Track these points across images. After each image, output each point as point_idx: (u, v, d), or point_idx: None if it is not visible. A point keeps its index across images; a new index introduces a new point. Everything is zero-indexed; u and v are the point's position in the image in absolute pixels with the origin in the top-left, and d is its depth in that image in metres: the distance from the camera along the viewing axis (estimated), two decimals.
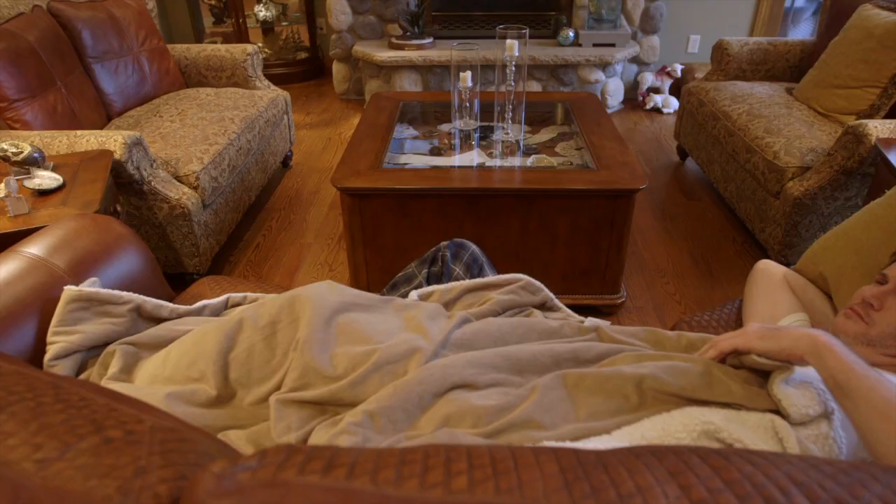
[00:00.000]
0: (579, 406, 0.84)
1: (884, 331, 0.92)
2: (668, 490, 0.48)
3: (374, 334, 0.94)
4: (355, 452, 0.52)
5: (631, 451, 0.55)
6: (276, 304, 0.98)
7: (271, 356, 0.93)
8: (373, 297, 1.03)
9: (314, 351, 0.89)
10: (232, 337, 0.95)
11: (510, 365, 0.91)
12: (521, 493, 0.46)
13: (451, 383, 0.86)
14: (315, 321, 0.92)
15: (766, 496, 0.47)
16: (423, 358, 0.89)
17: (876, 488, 0.49)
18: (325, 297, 0.97)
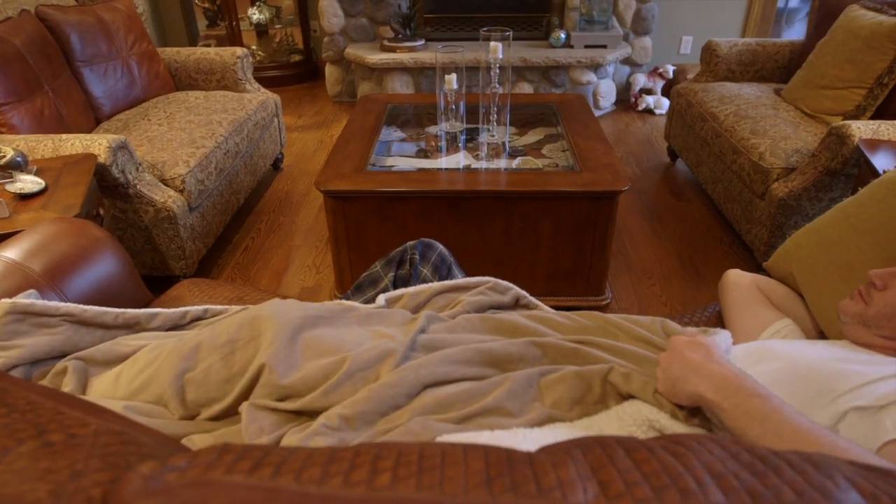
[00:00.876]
0: (545, 394, 0.86)
1: (880, 311, 0.92)
2: (588, 485, 0.49)
3: (343, 344, 0.93)
4: (288, 452, 0.53)
5: (562, 445, 0.55)
6: (234, 321, 0.96)
7: (229, 374, 0.91)
8: (335, 308, 1.02)
9: (281, 369, 0.88)
10: (189, 358, 0.93)
11: (483, 358, 0.91)
12: (442, 488, 0.47)
13: (424, 384, 0.86)
14: (279, 339, 0.91)
15: (681, 488, 0.48)
16: (394, 361, 0.89)
17: (788, 475, 0.50)
18: (287, 313, 0.95)
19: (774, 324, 1.15)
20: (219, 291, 1.39)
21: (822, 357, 0.90)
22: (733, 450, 0.54)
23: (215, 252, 2.48)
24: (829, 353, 0.92)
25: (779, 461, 0.52)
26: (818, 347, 0.97)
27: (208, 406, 0.92)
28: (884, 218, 1.10)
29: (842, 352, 0.93)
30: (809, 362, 0.88)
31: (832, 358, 0.90)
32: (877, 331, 0.93)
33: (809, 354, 0.92)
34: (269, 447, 0.54)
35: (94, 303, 1.27)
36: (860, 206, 1.17)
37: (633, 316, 1.05)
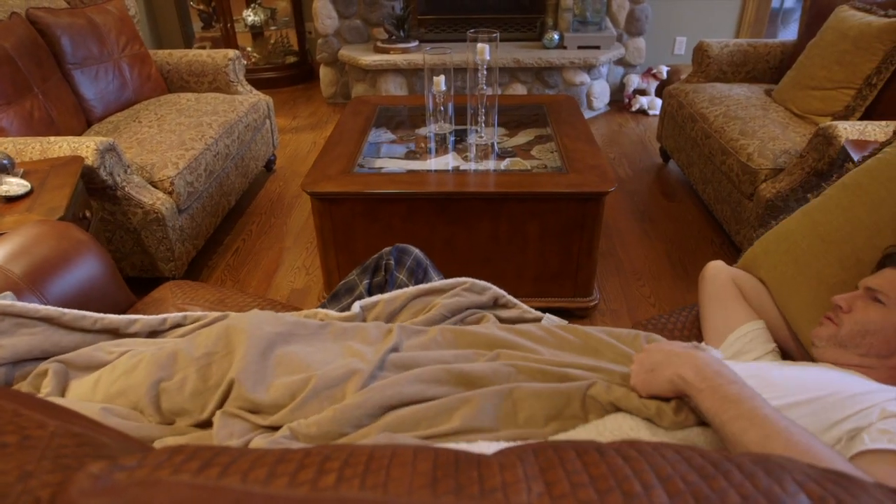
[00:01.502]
0: (518, 409, 0.84)
1: (852, 329, 0.94)
2: (533, 486, 0.49)
3: (313, 363, 0.93)
4: (239, 453, 0.53)
5: (516, 448, 0.56)
6: (212, 334, 0.97)
7: (203, 387, 0.92)
8: (311, 325, 1.01)
9: (250, 383, 0.88)
10: (165, 367, 0.94)
11: (454, 378, 0.90)
12: (386, 489, 0.47)
13: (390, 405, 0.85)
14: (250, 353, 0.91)
15: (625, 490, 0.48)
16: (360, 380, 0.88)
17: (737, 479, 0.50)
18: (262, 328, 0.95)
19: (743, 326, 1.15)
20: (201, 293, 1.39)
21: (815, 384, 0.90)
22: (686, 454, 0.55)
23: (206, 253, 2.48)
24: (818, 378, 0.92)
25: (730, 465, 0.52)
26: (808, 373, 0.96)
27: (181, 416, 0.92)
28: (849, 229, 1.10)
29: (829, 373, 0.93)
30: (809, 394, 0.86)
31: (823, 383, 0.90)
32: (854, 350, 0.94)
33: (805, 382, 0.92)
34: (221, 448, 0.54)
35: (76, 305, 1.27)
36: (827, 214, 1.17)
37: (615, 329, 1.04)
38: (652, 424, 0.79)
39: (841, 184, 1.20)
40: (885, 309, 0.92)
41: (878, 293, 0.93)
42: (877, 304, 0.93)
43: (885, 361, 0.93)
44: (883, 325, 0.92)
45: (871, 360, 0.93)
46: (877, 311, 0.93)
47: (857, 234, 1.10)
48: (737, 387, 0.75)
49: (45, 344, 1.07)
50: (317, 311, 1.12)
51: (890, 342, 0.91)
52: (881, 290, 0.93)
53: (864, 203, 1.12)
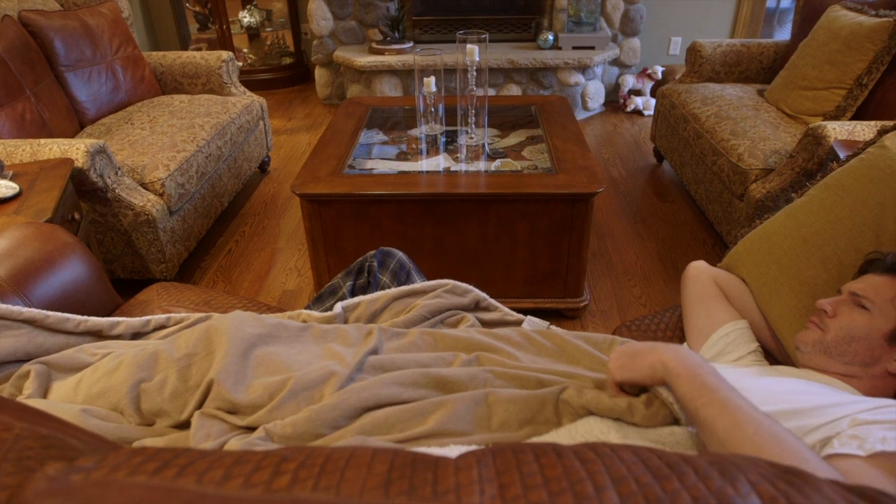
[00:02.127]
0: (493, 413, 0.85)
1: (837, 335, 0.94)
2: (486, 487, 0.49)
3: (292, 364, 0.93)
4: (199, 455, 0.54)
5: (478, 451, 0.56)
6: (193, 335, 0.97)
7: (183, 388, 0.92)
8: (292, 326, 1.02)
9: (230, 384, 0.89)
10: (146, 368, 0.94)
11: (430, 381, 0.90)
12: (338, 490, 0.48)
13: (366, 406, 0.86)
14: (230, 354, 0.91)
15: (577, 492, 0.49)
16: (338, 382, 0.89)
17: (690, 480, 0.51)
18: (242, 329, 0.96)
19: (725, 326, 1.16)
20: (187, 295, 1.39)
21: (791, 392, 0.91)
22: (644, 455, 0.55)
23: (198, 255, 2.49)
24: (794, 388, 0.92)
25: (685, 467, 0.53)
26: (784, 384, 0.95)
27: (162, 417, 0.93)
28: (832, 230, 1.10)
29: (806, 385, 0.93)
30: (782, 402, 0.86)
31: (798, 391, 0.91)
32: (839, 358, 0.95)
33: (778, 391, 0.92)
34: (182, 450, 0.55)
35: (60, 307, 1.28)
36: (810, 214, 1.17)
37: (592, 335, 1.04)
38: (622, 426, 0.79)
39: (824, 184, 1.20)
40: (870, 315, 0.92)
41: (862, 299, 0.94)
42: (861, 310, 0.94)
43: (869, 370, 0.93)
44: (868, 332, 0.92)
45: (854, 368, 0.94)
46: (861, 316, 0.93)
47: (839, 236, 1.10)
48: (715, 378, 0.75)
49: (28, 346, 1.08)
50: (300, 313, 1.13)
51: (874, 350, 0.92)
52: (865, 295, 0.93)
53: (847, 204, 1.12)
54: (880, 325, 0.91)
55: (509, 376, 0.90)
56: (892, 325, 0.91)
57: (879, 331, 0.91)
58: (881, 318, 0.92)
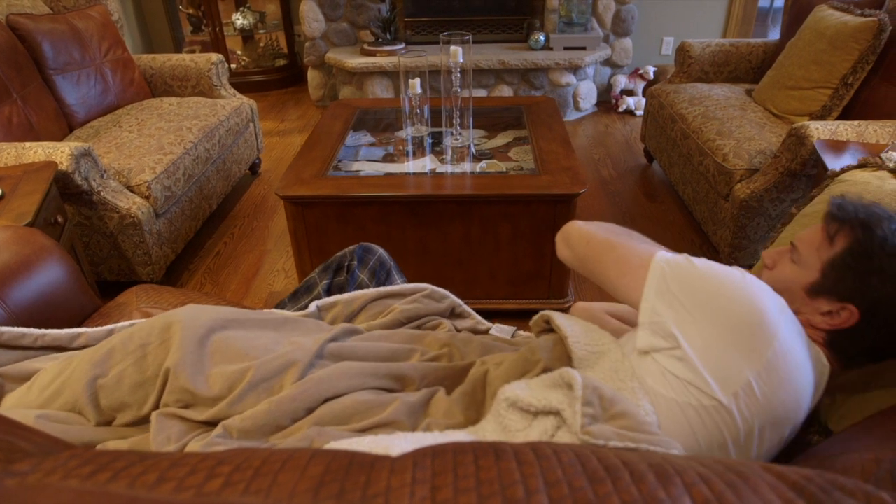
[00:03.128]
0: (438, 408, 0.86)
1: (770, 287, 0.91)
2: (417, 490, 0.50)
3: (251, 350, 0.93)
4: (138, 457, 0.54)
5: (421, 450, 0.56)
6: (146, 325, 0.97)
7: (141, 379, 0.92)
8: (251, 313, 1.02)
9: (188, 373, 0.89)
10: (101, 364, 0.93)
11: (389, 373, 0.91)
12: (268, 493, 0.48)
13: (324, 398, 0.87)
14: (187, 342, 0.91)
15: (508, 496, 0.49)
16: (298, 372, 0.89)
17: (624, 483, 0.51)
18: (198, 317, 0.95)
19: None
20: (165, 297, 1.40)
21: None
22: (585, 457, 0.55)
23: (187, 257, 2.50)
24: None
25: (622, 470, 0.53)
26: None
27: (122, 411, 0.93)
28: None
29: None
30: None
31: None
32: None
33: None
34: (121, 453, 0.55)
35: (38, 311, 1.28)
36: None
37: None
38: (526, 379, 0.82)
39: (802, 215, 1.20)
40: (796, 267, 0.90)
41: (794, 251, 0.91)
42: (790, 263, 0.91)
43: None
44: (790, 285, 0.89)
45: None
46: (789, 268, 0.91)
47: None
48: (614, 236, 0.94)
49: None
50: (272, 312, 1.13)
51: (794, 302, 0.88)
52: (799, 247, 0.91)
53: None
54: (802, 276, 0.88)
55: (459, 373, 0.92)
56: (814, 277, 0.87)
57: (801, 283, 0.88)
58: (804, 269, 0.88)
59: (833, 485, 0.53)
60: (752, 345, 0.76)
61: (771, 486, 0.53)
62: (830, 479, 0.54)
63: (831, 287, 0.85)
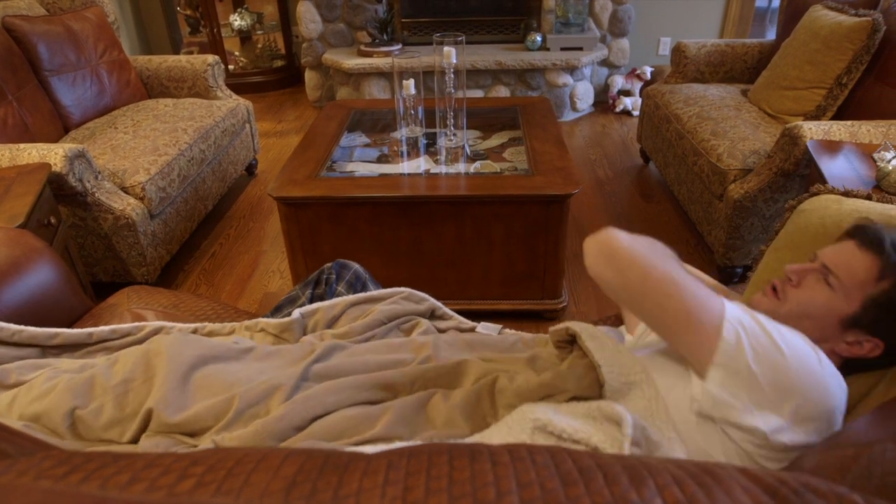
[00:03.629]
0: (437, 413, 0.85)
1: (791, 310, 0.88)
2: (388, 490, 0.50)
3: (235, 382, 0.91)
4: (112, 458, 0.54)
5: (396, 451, 0.56)
6: (130, 360, 0.95)
7: (120, 416, 0.90)
8: (234, 348, 1.00)
9: (170, 411, 0.87)
10: (81, 395, 0.92)
11: (377, 384, 0.90)
12: (239, 493, 0.48)
13: (313, 415, 0.85)
14: (170, 380, 0.89)
15: (479, 497, 0.49)
16: (283, 394, 0.88)
17: (596, 486, 0.51)
18: (182, 352, 0.94)
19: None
20: (156, 298, 1.40)
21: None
22: (560, 458, 0.55)
23: (182, 258, 2.50)
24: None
25: (596, 472, 0.53)
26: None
27: (101, 444, 0.91)
28: None
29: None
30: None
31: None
32: None
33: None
34: (95, 454, 0.55)
35: (27, 312, 1.28)
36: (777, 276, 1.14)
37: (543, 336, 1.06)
38: (553, 403, 0.80)
39: (773, 249, 1.19)
40: (832, 294, 0.86)
41: (830, 274, 0.87)
42: (825, 286, 0.87)
43: None
44: (825, 312, 0.86)
45: None
46: (823, 293, 0.87)
47: None
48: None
49: None
50: (257, 322, 1.13)
51: (825, 330, 0.86)
52: (835, 271, 0.86)
53: (805, 253, 1.08)
54: (840, 307, 0.85)
55: (448, 370, 0.91)
56: (852, 309, 0.84)
57: (837, 313, 0.85)
58: (843, 300, 0.85)
59: (806, 487, 0.53)
60: (815, 427, 0.77)
61: (744, 488, 0.53)
62: (804, 481, 0.54)
63: (868, 323, 0.84)
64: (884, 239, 0.84)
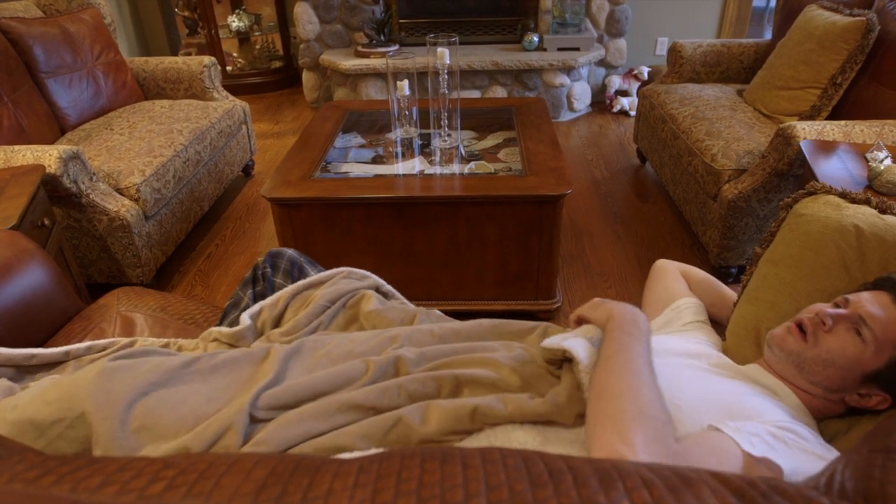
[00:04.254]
0: (412, 434, 0.83)
1: (819, 356, 0.88)
2: (357, 493, 0.50)
3: (181, 421, 0.84)
4: (85, 462, 0.55)
5: (371, 456, 0.57)
6: (53, 398, 0.85)
7: (69, 450, 0.84)
8: (171, 365, 0.90)
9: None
10: (19, 435, 0.85)
11: (342, 406, 0.86)
12: (209, 496, 0.49)
13: (279, 451, 0.81)
14: (109, 427, 0.81)
15: (447, 499, 0.49)
16: (236, 435, 0.82)
17: (565, 488, 0.51)
18: (112, 390, 0.84)
19: (681, 300, 1.18)
20: (145, 300, 1.40)
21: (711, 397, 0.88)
22: (531, 461, 0.56)
23: (178, 259, 2.50)
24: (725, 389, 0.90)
25: (566, 474, 0.53)
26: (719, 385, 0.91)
27: None
28: (807, 303, 1.02)
29: (742, 387, 0.90)
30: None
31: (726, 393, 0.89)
32: (808, 375, 0.89)
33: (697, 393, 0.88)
34: (71, 457, 0.56)
35: (18, 314, 1.29)
36: (776, 293, 1.09)
37: (516, 322, 1.06)
38: (544, 430, 0.79)
39: (769, 261, 1.15)
40: (863, 346, 0.85)
41: (864, 326, 0.85)
42: (856, 338, 0.86)
43: (829, 395, 0.90)
44: (852, 364, 0.85)
45: (816, 389, 0.90)
46: (854, 346, 0.86)
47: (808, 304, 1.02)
48: (635, 341, 0.81)
49: None
50: (211, 331, 1.11)
51: (846, 380, 0.87)
52: (871, 325, 0.85)
53: (805, 275, 1.06)
54: (867, 361, 0.84)
55: (426, 379, 0.88)
56: (878, 365, 0.84)
57: (863, 366, 0.85)
58: (873, 354, 0.84)
59: (775, 490, 0.53)
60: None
61: (713, 490, 0.53)
62: (774, 484, 0.54)
63: (888, 381, 0.85)
64: None
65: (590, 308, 0.94)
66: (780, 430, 0.78)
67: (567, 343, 0.84)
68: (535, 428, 0.80)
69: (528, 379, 0.88)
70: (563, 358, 0.86)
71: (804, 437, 0.80)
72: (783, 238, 1.15)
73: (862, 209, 1.08)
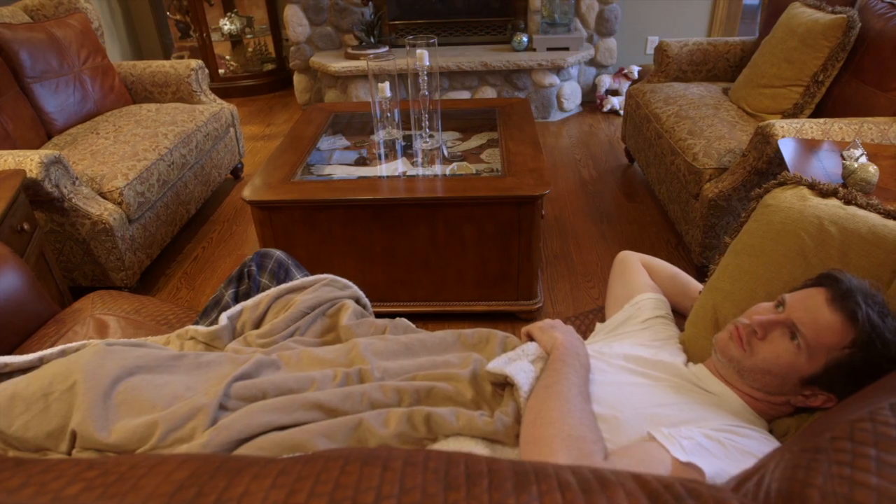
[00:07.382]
0: (370, 437, 0.85)
1: (756, 365, 0.89)
2: (272, 494, 0.51)
3: (158, 400, 0.88)
4: (12, 463, 0.55)
5: (301, 457, 0.57)
6: (48, 373, 0.91)
7: (48, 429, 0.88)
8: (161, 356, 0.96)
9: (94, 429, 0.85)
10: (5, 413, 0.89)
11: (306, 404, 0.89)
12: (123, 497, 0.49)
13: (239, 439, 0.84)
14: (91, 396, 0.86)
15: (359, 501, 0.50)
16: (206, 417, 0.86)
17: (478, 490, 0.52)
18: (102, 365, 0.90)
19: (640, 295, 1.18)
20: (119, 303, 1.41)
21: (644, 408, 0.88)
22: (453, 463, 0.56)
23: (164, 262, 2.52)
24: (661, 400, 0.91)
25: (483, 477, 0.54)
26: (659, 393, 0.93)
27: (38, 454, 0.90)
28: (764, 292, 1.03)
29: (685, 397, 0.91)
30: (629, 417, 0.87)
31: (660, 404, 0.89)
32: (749, 381, 0.91)
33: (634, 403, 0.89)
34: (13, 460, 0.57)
35: None
36: (734, 282, 1.10)
37: (479, 331, 1.07)
38: (492, 445, 0.82)
39: (732, 252, 1.16)
40: (797, 353, 0.86)
41: (798, 332, 0.86)
42: (790, 344, 0.86)
43: (771, 398, 0.91)
44: (787, 371, 0.86)
45: (759, 393, 0.92)
46: (787, 352, 0.86)
47: (773, 296, 1.02)
48: (573, 372, 0.87)
49: None
50: (187, 329, 1.12)
51: (784, 385, 0.88)
52: (803, 331, 0.85)
53: (764, 263, 1.07)
54: (802, 366, 0.85)
55: (388, 389, 0.91)
56: (815, 369, 0.85)
57: (799, 372, 0.86)
58: (807, 360, 0.85)
59: (690, 493, 0.54)
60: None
61: (628, 493, 0.53)
62: (691, 487, 0.55)
63: (827, 382, 0.85)
64: (857, 306, 0.82)
65: (539, 331, 1.00)
66: (716, 432, 0.79)
67: (508, 369, 0.89)
68: (485, 442, 0.82)
69: (482, 394, 0.91)
70: (506, 382, 0.90)
71: (746, 435, 0.80)
72: (748, 228, 1.16)
73: (826, 201, 1.08)
